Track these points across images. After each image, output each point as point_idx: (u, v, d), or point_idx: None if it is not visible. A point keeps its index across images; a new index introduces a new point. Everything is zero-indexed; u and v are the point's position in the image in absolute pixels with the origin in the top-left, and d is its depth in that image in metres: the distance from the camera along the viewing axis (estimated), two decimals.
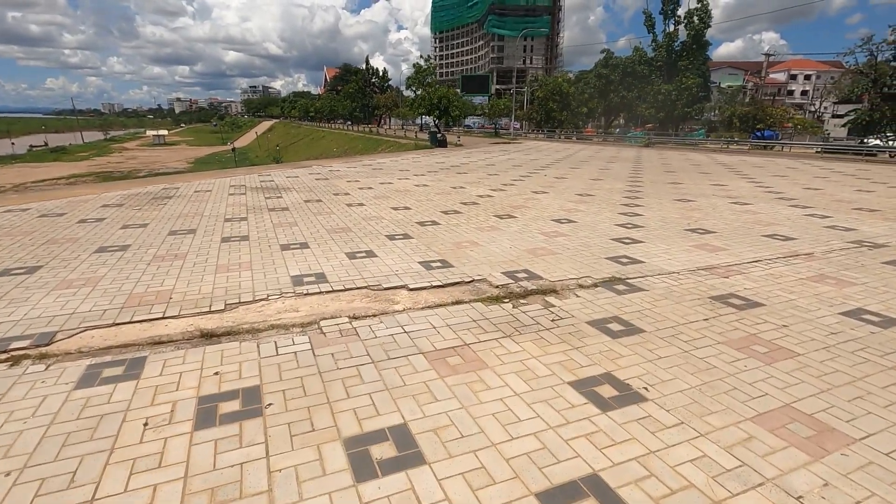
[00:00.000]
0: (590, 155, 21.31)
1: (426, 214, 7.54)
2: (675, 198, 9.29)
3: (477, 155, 20.46)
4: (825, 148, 29.52)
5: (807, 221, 7.12)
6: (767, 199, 9.09)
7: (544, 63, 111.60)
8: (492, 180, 11.83)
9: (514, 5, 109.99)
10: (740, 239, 6.07)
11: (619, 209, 8.10)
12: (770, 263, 5.04)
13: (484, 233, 6.31)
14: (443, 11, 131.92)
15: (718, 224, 6.92)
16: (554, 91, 48.49)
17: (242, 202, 8.49)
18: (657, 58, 49.07)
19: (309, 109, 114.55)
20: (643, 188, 10.66)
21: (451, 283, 4.41)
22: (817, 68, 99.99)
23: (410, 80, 51.28)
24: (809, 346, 3.20)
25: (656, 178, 12.65)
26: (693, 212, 7.85)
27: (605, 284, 4.37)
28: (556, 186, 10.79)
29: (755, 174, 13.71)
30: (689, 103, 47.19)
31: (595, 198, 9.26)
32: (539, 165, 15.89)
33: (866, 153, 24.95)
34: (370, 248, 5.54)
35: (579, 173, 13.60)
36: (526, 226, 6.75)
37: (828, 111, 61.62)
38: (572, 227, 6.72)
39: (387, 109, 62.97)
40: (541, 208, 8.12)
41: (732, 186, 10.94)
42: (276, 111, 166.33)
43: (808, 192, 10.01)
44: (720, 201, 8.86)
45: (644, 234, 6.27)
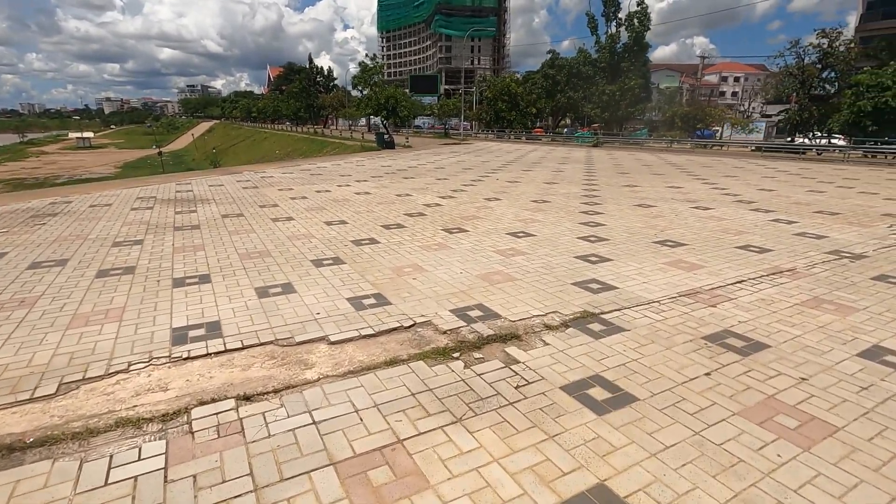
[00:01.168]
0: (541, 156, 20.90)
1: (364, 230, 6.52)
2: (634, 203, 8.73)
3: (426, 157, 19.54)
4: (758, 146, 30.85)
5: (775, 228, 6.67)
6: (727, 203, 8.70)
7: (492, 64, 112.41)
8: (441, 186, 10.94)
9: (460, 6, 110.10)
10: (714, 252, 5.47)
11: (579, 218, 7.40)
12: (755, 284, 4.41)
13: (430, 253, 5.39)
14: (389, 11, 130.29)
15: (686, 234, 6.33)
16: (502, 91, 48.32)
17: (145, 219, 7.15)
18: (601, 59, 50.06)
19: (251, 110, 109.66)
20: (600, 192, 10.09)
21: (387, 329, 3.45)
22: (745, 71, 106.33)
23: (357, 79, 49.53)
24: (845, 412, 2.49)
25: (611, 180, 12.20)
26: (657, 219, 7.27)
27: (577, 323, 3.55)
28: (510, 192, 10.03)
29: (706, 174, 13.57)
30: (631, 103, 48.36)
31: (552, 205, 8.55)
32: (490, 168, 15.17)
33: (794, 150, 26.10)
34: (289, 279, 4.48)
35: (532, 176, 12.96)
36: (479, 242, 5.88)
37: (756, 111, 65.27)
38: (531, 242, 5.91)
39: (333, 110, 60.78)
40: (494, 219, 7.30)
41: (688, 188, 10.60)
42: (217, 112, 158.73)
43: (764, 194, 9.77)
44: (681, 206, 8.38)
45: (611, 250, 5.55)
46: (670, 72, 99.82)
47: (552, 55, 54.30)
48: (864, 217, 7.41)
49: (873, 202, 8.80)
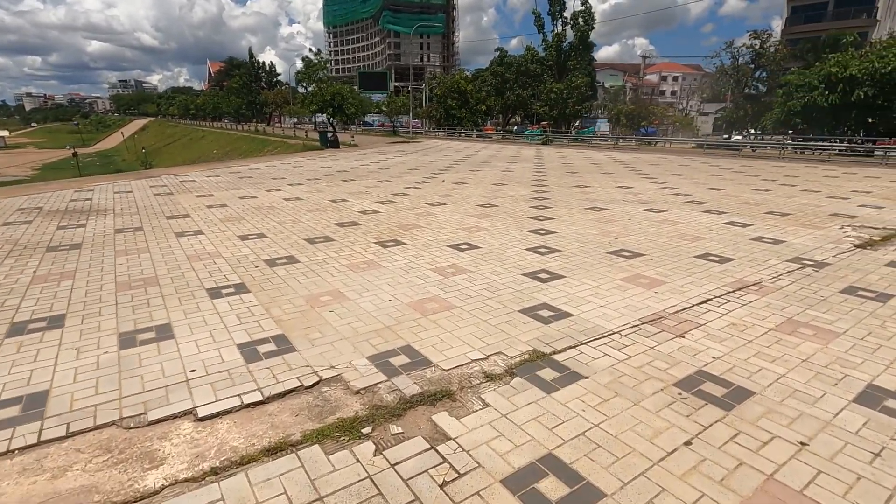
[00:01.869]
0: (490, 154, 20.41)
1: (284, 245, 5.62)
2: (586, 206, 8.25)
3: (370, 157, 18.58)
4: (699, 143, 31.90)
5: (731, 233, 6.32)
6: (679, 204, 8.39)
7: (442, 61, 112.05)
8: (382, 189, 10.10)
9: (408, 2, 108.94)
10: (673, 263, 4.97)
11: (528, 224, 6.80)
12: (723, 304, 3.90)
13: (357, 274, 4.58)
14: (335, 5, 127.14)
15: (642, 241, 5.84)
16: (452, 89, 47.78)
17: (13, 237, 5.91)
18: (548, 57, 50.53)
19: (189, 107, 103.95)
20: (550, 194, 9.59)
21: (281, 392, 2.64)
22: (683, 71, 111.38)
23: (300, 74, 47.55)
24: (866, 497, 1.91)
25: (561, 180, 11.77)
26: (610, 224, 6.77)
27: (525, 369, 2.87)
28: (456, 195, 9.34)
29: (654, 173, 13.44)
30: (578, 101, 49.09)
31: (500, 209, 7.92)
32: (437, 168, 14.45)
33: (733, 147, 27.08)
34: (170, 318, 3.56)
35: (480, 177, 12.35)
36: (416, 258, 5.12)
37: (693, 109, 68.22)
38: (475, 256, 5.22)
39: (276, 107, 58.15)
40: (437, 227, 6.57)
41: (639, 189, 10.29)
42: (153, 109, 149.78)
43: (714, 194, 9.58)
44: (633, 209, 7.97)
45: (563, 264, 4.94)
46: (614, 71, 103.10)
47: (500, 53, 54.38)
48: (814, 218, 7.23)
49: (818, 201, 8.74)
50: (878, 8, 47.47)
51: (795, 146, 22.20)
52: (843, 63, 24.21)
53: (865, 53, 25.18)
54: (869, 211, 7.76)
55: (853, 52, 26.10)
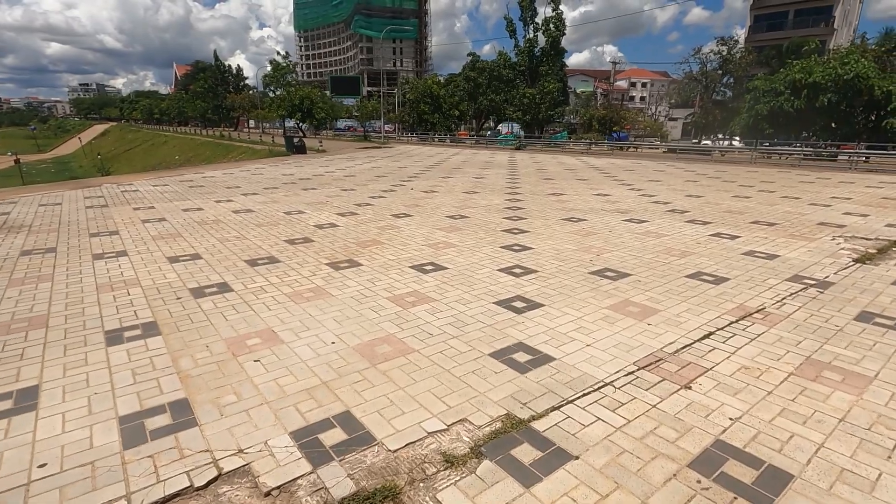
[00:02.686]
0: (463, 160, 19.83)
1: (220, 269, 4.83)
2: (563, 216, 7.69)
3: (338, 163, 17.74)
4: (670, 148, 32.16)
5: (720, 246, 5.82)
6: (661, 214, 7.91)
7: (414, 66, 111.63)
8: (344, 199, 9.34)
9: (380, 6, 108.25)
10: (663, 285, 4.40)
11: (501, 238, 6.16)
12: (727, 338, 3.32)
13: (299, 307, 3.84)
14: (306, 9, 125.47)
15: (627, 259, 5.27)
16: (425, 93, 47.25)
17: None
18: (520, 63, 50.57)
19: (154, 111, 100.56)
20: (524, 203, 9.01)
21: (160, 499, 1.89)
22: (651, 77, 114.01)
23: (268, 78, 46.17)
24: None
25: (536, 188, 11.23)
26: (590, 238, 6.20)
27: (496, 448, 2.20)
28: (424, 205, 8.66)
29: (630, 179, 13.07)
30: (551, 107, 49.25)
31: (471, 221, 7.28)
32: (407, 175, 13.75)
33: (702, 152, 27.30)
34: (41, 377, 2.76)
35: (452, 184, 11.71)
36: (372, 283, 4.41)
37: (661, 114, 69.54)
38: (440, 279, 4.54)
39: (244, 111, 56.42)
40: (400, 244, 5.87)
41: (617, 196, 9.82)
42: (115, 113, 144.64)
43: (694, 202, 9.17)
44: (613, 219, 7.44)
45: (541, 288, 4.31)
46: (585, 77, 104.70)
47: (473, 58, 54.13)
48: (802, 228, 6.83)
49: (801, 209, 8.41)
50: (835, 17, 49.34)
51: (765, 151, 22.36)
52: (807, 69, 24.65)
53: (827, 60, 25.73)
54: (855, 220, 7.42)
55: (816, 58, 26.67)
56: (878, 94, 23.01)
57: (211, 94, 62.58)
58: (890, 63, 25.87)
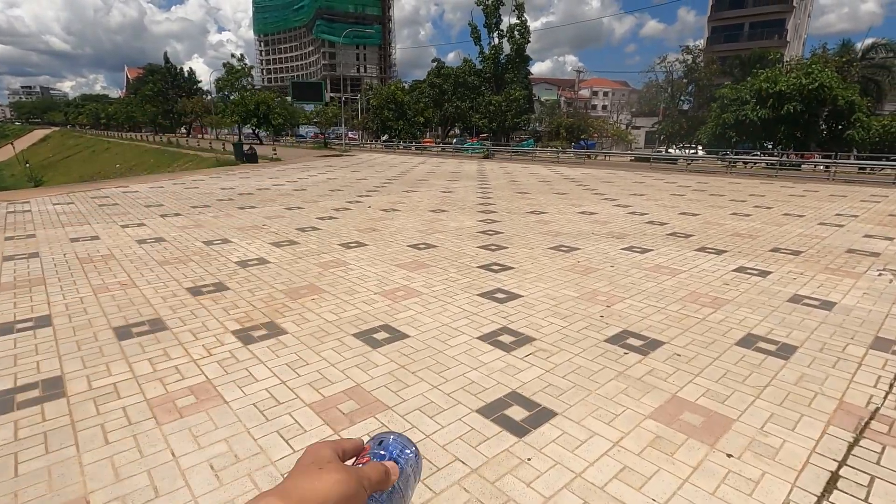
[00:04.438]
0: (429, 170, 18.45)
1: (66, 348, 3.23)
2: (549, 243, 6.38)
3: (290, 174, 16.02)
4: (638, 156, 31.84)
5: (755, 289, 4.62)
6: (662, 239, 6.72)
7: (379, 73, 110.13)
8: (286, 221, 7.77)
9: (343, 12, 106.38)
10: (715, 365, 3.11)
11: (478, 280, 4.78)
12: (858, 487, 2.02)
13: (159, 432, 2.32)
14: (266, 13, 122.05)
15: (648, 312, 3.97)
16: (388, 99, 45.71)
17: None
18: (485, 69, 49.93)
19: (101, 115, 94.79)
20: (502, 225, 7.68)
21: None
22: (612, 86, 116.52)
23: (222, 81, 43.59)
24: None
25: (512, 204, 9.94)
26: (590, 278, 4.89)
27: None
28: (382, 229, 7.20)
29: (611, 193, 11.99)
30: (517, 114, 48.73)
31: (439, 252, 5.86)
32: (366, 188, 12.24)
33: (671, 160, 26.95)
34: None
35: (416, 200, 10.29)
36: (293, 372, 2.93)
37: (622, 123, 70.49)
38: (396, 360, 3.10)
39: (196, 116, 53.26)
40: (345, 291, 4.39)
41: (604, 215, 8.63)
42: (60, 117, 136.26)
43: (692, 222, 8.08)
44: (610, 247, 6.18)
45: (545, 375, 2.93)
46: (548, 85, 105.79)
47: (438, 64, 53.10)
48: (832, 257, 5.75)
49: (814, 230, 7.42)
50: (787, 31, 51.05)
51: (732, 160, 21.99)
52: (772, 79, 24.62)
53: (791, 69, 25.86)
54: (884, 245, 6.43)
55: (779, 67, 26.82)
56: (842, 104, 23.13)
57: (161, 98, 58.96)
58: (849, 73, 26.29)
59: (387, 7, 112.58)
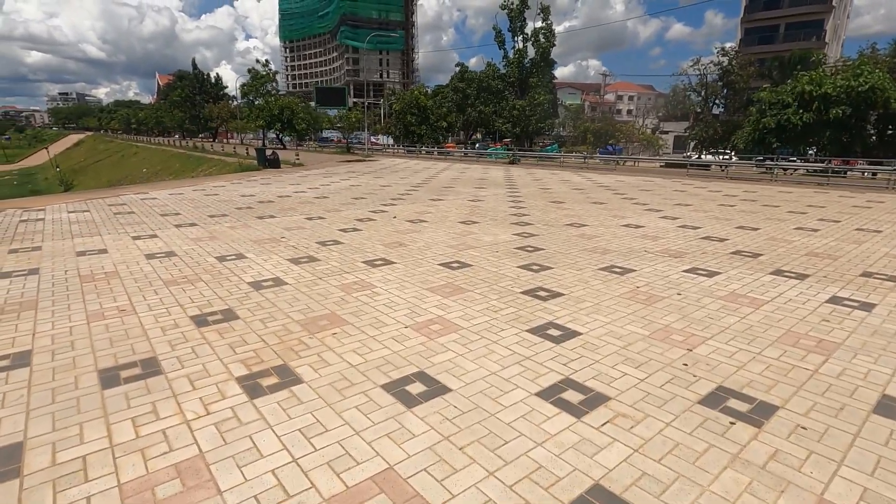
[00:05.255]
0: (454, 177, 17.84)
1: (38, 399, 2.67)
2: (598, 262, 5.66)
3: (312, 180, 15.60)
4: (668, 163, 30.63)
5: (866, 329, 3.82)
6: (727, 259, 5.93)
7: (401, 78, 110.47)
8: (307, 233, 7.22)
9: (367, 17, 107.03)
10: (854, 447, 2.37)
11: (525, 309, 4.10)
12: None
13: None
14: (292, 20, 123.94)
15: (742, 360, 3.23)
16: (411, 104, 45.37)
17: None
18: (509, 74, 49.26)
19: (131, 121, 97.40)
20: (541, 239, 6.98)
21: None
22: (638, 90, 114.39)
23: (247, 87, 43.92)
24: None
25: (547, 214, 9.22)
26: (657, 308, 4.16)
27: None
28: (410, 244, 6.58)
29: (653, 202, 11.16)
30: (541, 119, 47.88)
31: (475, 273, 5.20)
32: (390, 196, 11.68)
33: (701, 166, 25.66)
34: None
35: (444, 210, 9.66)
36: (305, 442, 2.30)
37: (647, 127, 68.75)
38: (438, 427, 2.45)
39: (222, 121, 53.93)
40: (371, 323, 3.77)
41: (652, 228, 7.85)
42: (94, 122, 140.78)
43: (755, 238, 7.24)
44: (670, 269, 5.43)
45: (632, 457, 2.24)
46: (572, 90, 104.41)
47: (461, 68, 52.64)
48: None
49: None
50: (826, 31, 48.97)
51: (783, 166, 20.73)
52: (816, 81, 23.28)
53: (837, 71, 24.46)
54: None
55: (822, 69, 25.43)
56: (895, 107, 21.68)
57: (189, 103, 59.98)
58: None
59: (410, 13, 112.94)
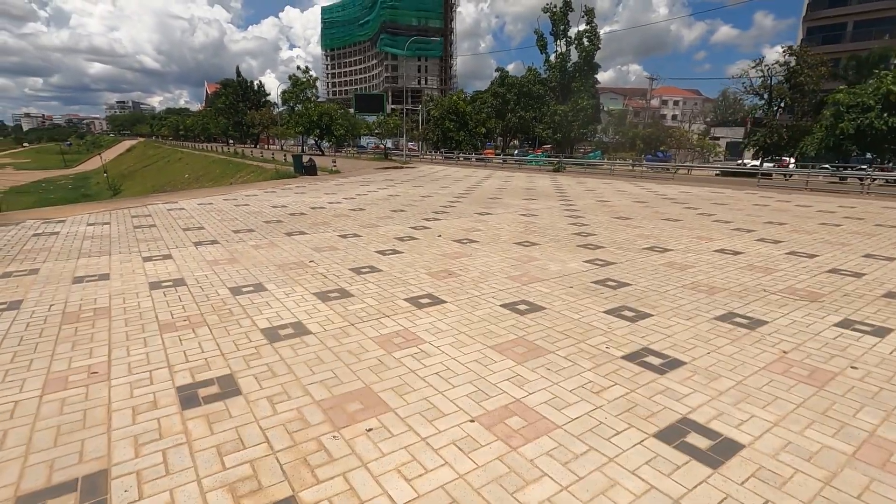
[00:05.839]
0: (498, 186, 16.63)
1: None
2: (713, 310, 4.34)
3: (348, 188, 14.74)
4: (723, 170, 28.32)
5: None
6: (880, 300, 4.49)
7: (439, 84, 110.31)
8: (339, 256, 6.19)
9: (406, 25, 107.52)
10: None
11: (640, 393, 2.87)
12: None
13: None
14: (333, 29, 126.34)
15: None
16: (450, 110, 44.47)
17: None
18: (551, 78, 47.67)
19: (179, 127, 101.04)
20: (622, 271, 5.70)
21: None
22: (683, 95, 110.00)
23: (287, 94, 44.19)
24: None
25: (617, 234, 7.90)
26: (838, 398, 2.86)
27: None
28: (460, 274, 5.43)
29: (737, 220, 9.63)
30: (584, 124, 46.08)
31: (551, 320, 3.99)
32: (432, 209, 10.59)
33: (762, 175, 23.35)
34: None
35: (495, 227, 8.49)
36: None
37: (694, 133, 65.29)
38: None
39: (263, 127, 54.70)
40: (420, 411, 2.63)
41: (754, 255, 6.42)
42: (146, 129, 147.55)
43: (882, 267, 5.72)
44: (813, 320, 4.06)
45: None
46: (614, 94, 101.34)
47: (501, 73, 51.46)
48: None
49: None
50: None
51: (877, 176, 18.44)
52: None
53: None
54: None
55: None
56: None
57: (232, 110, 61.29)
58: None
59: (449, 19, 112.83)
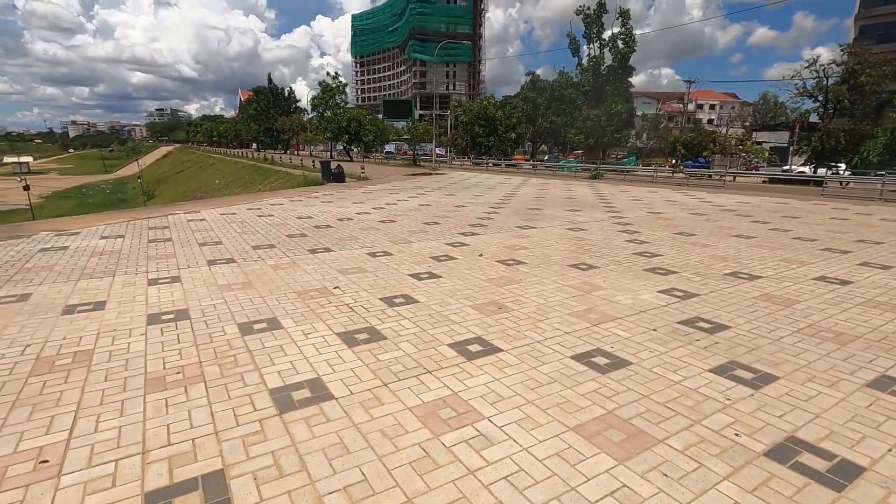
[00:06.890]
0: (535, 194, 15.64)
1: None
2: (854, 368, 3.32)
3: (377, 197, 14.02)
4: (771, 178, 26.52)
5: None
6: None
7: (467, 90, 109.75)
8: (368, 280, 5.37)
9: (435, 31, 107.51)
10: None
11: None
12: None
13: None
14: (363, 36, 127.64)
15: None
16: (479, 115, 43.61)
17: None
18: (583, 82, 46.24)
19: (213, 133, 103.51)
20: (710, 306, 4.69)
21: None
22: (719, 98, 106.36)
23: (317, 100, 44.20)
24: None
25: (686, 256, 6.84)
26: None
27: None
28: (512, 308, 4.52)
29: (823, 238, 8.42)
30: (617, 129, 44.53)
31: (642, 380, 3.05)
32: (468, 221, 9.71)
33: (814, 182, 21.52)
34: None
35: (542, 244, 7.55)
36: None
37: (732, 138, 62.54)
38: None
39: (293, 133, 55.10)
40: None
41: (872, 287, 5.30)
42: (182, 135, 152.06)
43: None
44: None
45: None
46: (647, 98, 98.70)
47: (532, 77, 50.35)
48: None
49: None
50: None
51: None
52: None
53: None
54: None
55: None
56: None
57: (263, 116, 62.08)
58: None
59: (478, 25, 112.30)
